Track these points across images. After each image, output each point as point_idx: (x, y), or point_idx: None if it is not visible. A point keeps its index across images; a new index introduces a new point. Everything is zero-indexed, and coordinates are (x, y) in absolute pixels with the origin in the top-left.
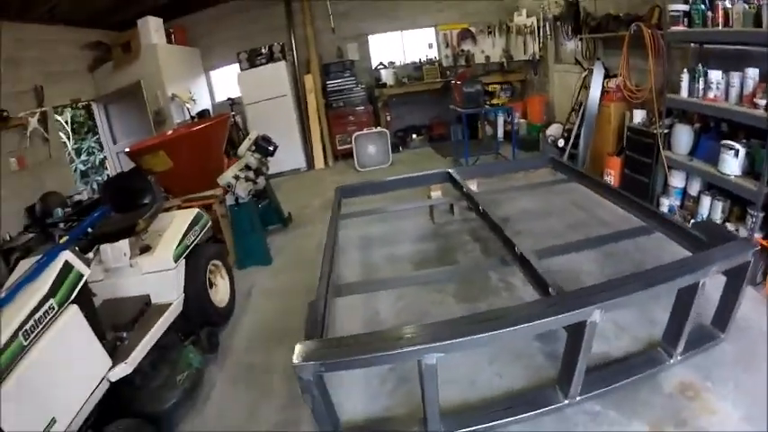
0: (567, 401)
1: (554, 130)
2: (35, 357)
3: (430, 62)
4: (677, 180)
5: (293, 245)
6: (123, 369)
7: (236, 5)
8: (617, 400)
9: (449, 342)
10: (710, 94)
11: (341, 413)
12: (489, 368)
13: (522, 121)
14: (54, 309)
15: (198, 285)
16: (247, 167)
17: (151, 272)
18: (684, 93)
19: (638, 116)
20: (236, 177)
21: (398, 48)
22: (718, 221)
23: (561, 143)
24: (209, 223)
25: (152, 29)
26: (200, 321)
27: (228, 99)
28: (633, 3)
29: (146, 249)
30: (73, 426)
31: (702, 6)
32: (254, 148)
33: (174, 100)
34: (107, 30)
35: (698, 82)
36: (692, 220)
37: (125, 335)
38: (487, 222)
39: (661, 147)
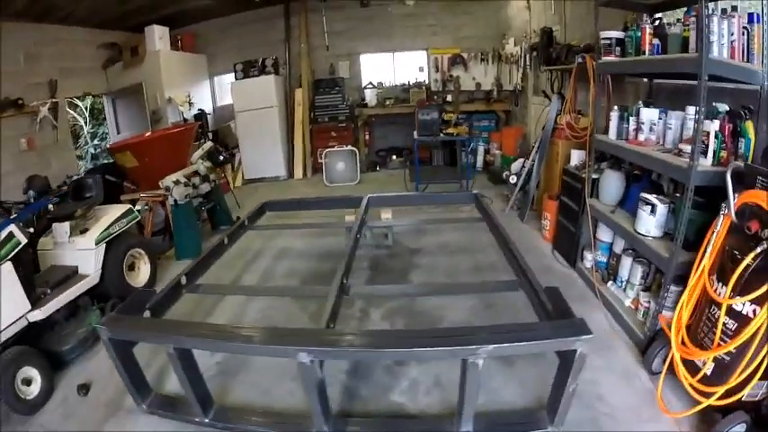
0: None
1: (516, 165)
2: None
3: (418, 85)
4: (605, 234)
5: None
6: (38, 314)
7: (241, 17)
8: None
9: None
10: (641, 137)
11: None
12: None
13: (497, 152)
14: None
15: (114, 266)
16: (197, 173)
17: (81, 249)
18: (612, 134)
19: (576, 157)
20: (177, 182)
21: (389, 68)
22: (638, 288)
23: (513, 179)
24: (138, 218)
25: (156, 36)
26: (117, 295)
27: (199, 110)
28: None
29: (84, 231)
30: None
31: (638, 33)
32: (206, 156)
33: (170, 102)
34: (123, 31)
35: (627, 122)
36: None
37: (49, 291)
38: None
39: (587, 194)
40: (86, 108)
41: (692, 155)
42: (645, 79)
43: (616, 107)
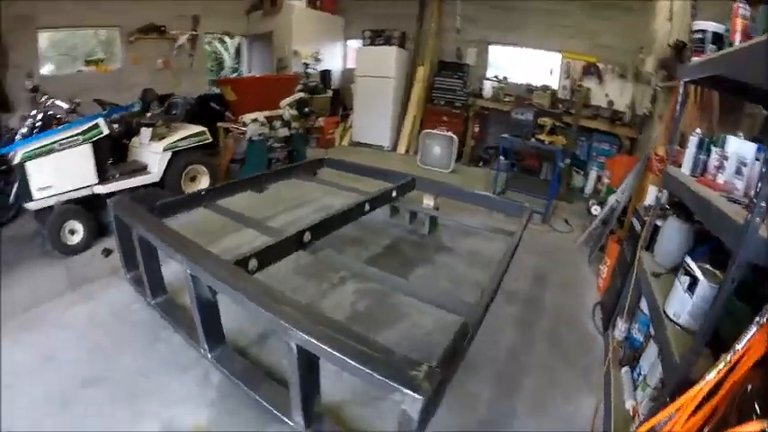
0: None
1: (613, 197)
2: (58, 155)
3: (544, 88)
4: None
5: (290, 189)
6: (101, 188)
7: None
8: None
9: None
10: (721, 178)
11: None
12: None
13: (606, 181)
14: (79, 140)
15: (174, 172)
16: (281, 118)
17: (153, 152)
18: (687, 167)
19: (651, 195)
20: (254, 120)
21: (517, 64)
22: (650, 393)
23: (596, 210)
24: (207, 140)
25: None
26: (172, 195)
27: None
28: None
29: (161, 139)
30: (61, 196)
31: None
32: (294, 105)
33: (296, 54)
34: None
35: (707, 153)
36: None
37: (117, 176)
38: None
39: (641, 245)
40: (232, 46)
41: (751, 207)
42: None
43: (697, 131)
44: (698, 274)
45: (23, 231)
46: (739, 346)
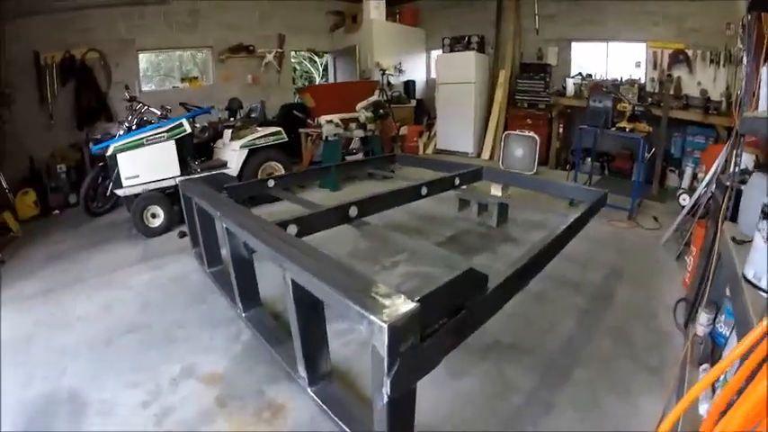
0: None
1: (704, 182)
2: (146, 149)
3: (630, 83)
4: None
5: (365, 189)
6: (181, 185)
7: None
8: None
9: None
10: None
11: None
12: None
13: (702, 175)
14: (164, 137)
15: (251, 168)
16: (357, 120)
17: (231, 149)
18: (763, 103)
19: (747, 160)
20: (329, 121)
21: (601, 60)
22: None
23: (684, 200)
24: (284, 139)
25: (372, 7)
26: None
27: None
28: None
29: (240, 139)
30: (146, 185)
31: None
32: (370, 108)
33: (377, 66)
34: (347, 1)
35: None
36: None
37: (198, 169)
38: None
39: (722, 214)
40: (321, 64)
41: None
42: None
43: None
44: None
45: (117, 219)
46: None
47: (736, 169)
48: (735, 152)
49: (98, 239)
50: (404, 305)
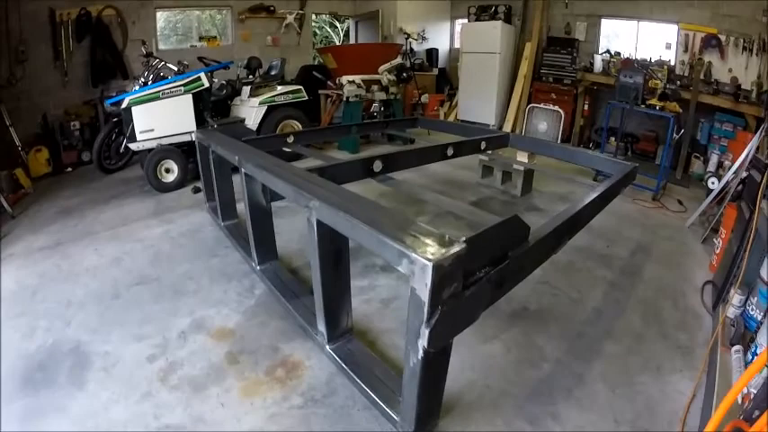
0: None
1: (734, 166)
2: (162, 102)
3: (660, 64)
4: None
5: (384, 152)
6: (197, 134)
7: None
8: None
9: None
10: None
11: None
12: None
13: (729, 164)
14: (181, 90)
15: (268, 125)
16: (379, 82)
17: (250, 106)
18: None
19: None
20: (351, 82)
21: (631, 39)
22: None
23: (713, 183)
24: (303, 98)
25: None
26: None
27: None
28: None
29: (258, 95)
30: (161, 140)
31: None
32: (394, 72)
33: (401, 32)
34: None
35: None
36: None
37: (215, 126)
38: None
39: (761, 193)
40: (342, 30)
41: None
42: None
43: None
44: None
45: (130, 176)
46: None
47: None
48: None
49: (110, 195)
50: (450, 244)
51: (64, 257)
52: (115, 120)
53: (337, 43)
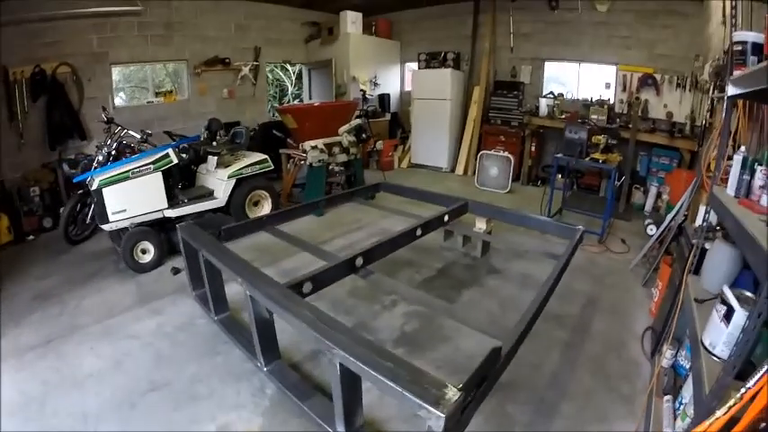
0: None
1: (670, 216)
2: (132, 182)
3: (600, 103)
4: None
5: (349, 213)
6: (171, 212)
7: (435, 10)
8: None
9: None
10: (764, 199)
11: None
12: None
13: (666, 197)
14: (151, 168)
15: (239, 197)
16: (339, 144)
17: (218, 178)
18: (731, 188)
19: (701, 215)
20: (314, 147)
21: (573, 80)
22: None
23: (652, 230)
24: (269, 167)
25: (349, 20)
26: (237, 220)
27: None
28: None
29: (226, 166)
30: (134, 219)
31: None
32: (353, 131)
33: (354, 80)
34: (323, 12)
35: (751, 173)
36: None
37: (186, 201)
38: None
39: (688, 267)
40: (294, 73)
41: None
42: None
43: (742, 149)
44: (734, 303)
45: (99, 248)
46: (750, 384)
47: (704, 230)
48: (705, 216)
49: (85, 274)
50: (452, 394)
51: (59, 358)
52: (80, 192)
53: (289, 87)
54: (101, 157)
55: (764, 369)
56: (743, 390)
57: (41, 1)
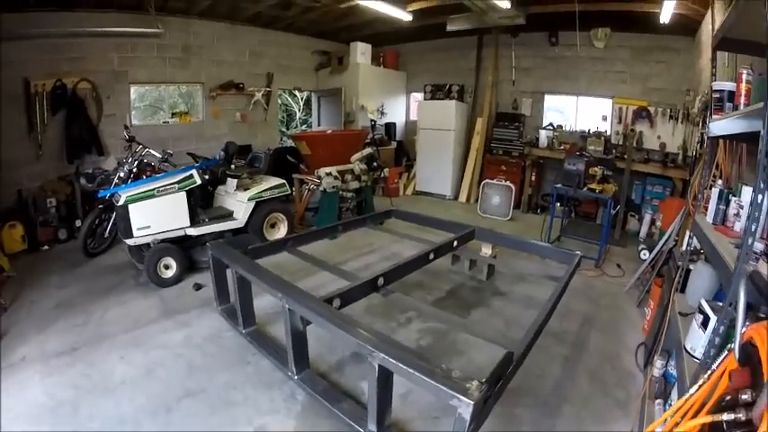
0: None
1: (662, 241)
2: (157, 200)
3: (597, 134)
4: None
5: (361, 237)
6: (193, 231)
7: (441, 43)
8: None
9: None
10: (738, 226)
11: None
12: None
13: (659, 224)
14: (175, 188)
15: (257, 219)
16: (352, 171)
17: (238, 200)
18: (710, 216)
19: (686, 240)
20: (328, 174)
21: (571, 112)
22: None
23: (645, 255)
24: (287, 192)
25: (359, 51)
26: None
27: (385, 123)
28: None
29: (246, 189)
30: (157, 235)
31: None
32: (364, 160)
33: (362, 109)
34: (334, 42)
35: (727, 203)
36: None
37: (207, 220)
38: None
39: (674, 286)
40: (302, 99)
41: (744, 240)
42: None
43: (719, 183)
44: (709, 312)
45: (116, 262)
46: (714, 366)
47: (688, 254)
48: (689, 241)
49: (104, 286)
50: (478, 386)
51: (89, 365)
52: (101, 206)
53: (297, 112)
54: (122, 174)
55: (725, 354)
56: (709, 371)
57: (65, 17)
